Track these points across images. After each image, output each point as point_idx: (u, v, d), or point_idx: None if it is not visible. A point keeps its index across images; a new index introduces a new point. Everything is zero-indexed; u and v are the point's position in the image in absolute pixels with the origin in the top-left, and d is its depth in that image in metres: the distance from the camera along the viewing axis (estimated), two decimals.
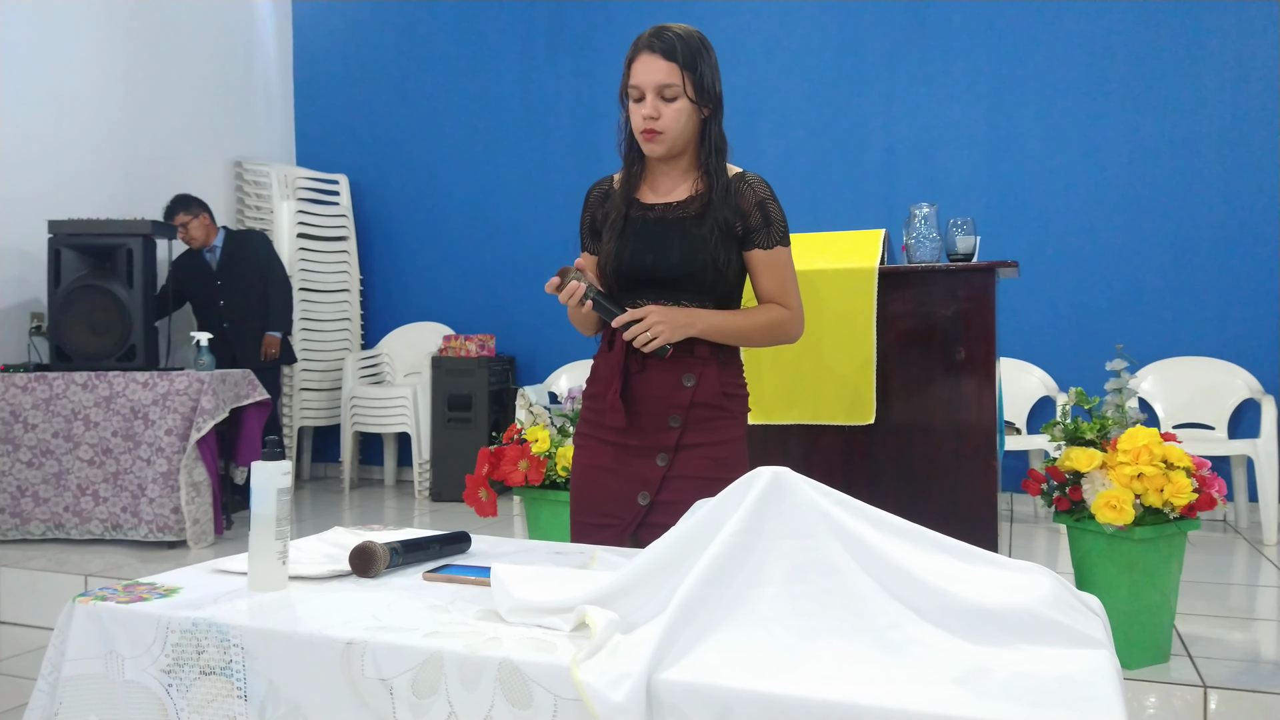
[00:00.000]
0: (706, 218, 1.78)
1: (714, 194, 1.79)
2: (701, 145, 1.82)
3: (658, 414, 1.81)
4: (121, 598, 1.24)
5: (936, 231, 2.78)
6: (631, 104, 1.80)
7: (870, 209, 4.95)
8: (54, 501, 3.99)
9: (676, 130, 1.77)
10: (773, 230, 1.82)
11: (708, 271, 1.77)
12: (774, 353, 2.72)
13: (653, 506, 1.81)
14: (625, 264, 1.81)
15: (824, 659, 1.00)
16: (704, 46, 1.82)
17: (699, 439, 1.81)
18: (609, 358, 1.85)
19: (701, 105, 1.79)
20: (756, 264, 1.84)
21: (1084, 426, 2.51)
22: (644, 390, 1.81)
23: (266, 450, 1.30)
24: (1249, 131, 4.44)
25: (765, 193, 1.83)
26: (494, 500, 3.05)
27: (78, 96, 4.84)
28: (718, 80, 1.83)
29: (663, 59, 1.76)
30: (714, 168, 1.81)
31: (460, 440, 5.13)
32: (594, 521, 1.86)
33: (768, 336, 1.86)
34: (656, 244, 1.80)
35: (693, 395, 1.80)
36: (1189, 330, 4.51)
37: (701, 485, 1.77)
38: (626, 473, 1.83)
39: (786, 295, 1.85)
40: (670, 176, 1.86)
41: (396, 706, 1.05)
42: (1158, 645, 2.45)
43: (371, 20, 6.08)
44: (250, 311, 4.98)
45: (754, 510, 1.13)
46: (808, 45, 5.14)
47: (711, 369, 1.81)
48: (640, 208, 1.85)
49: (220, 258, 4.98)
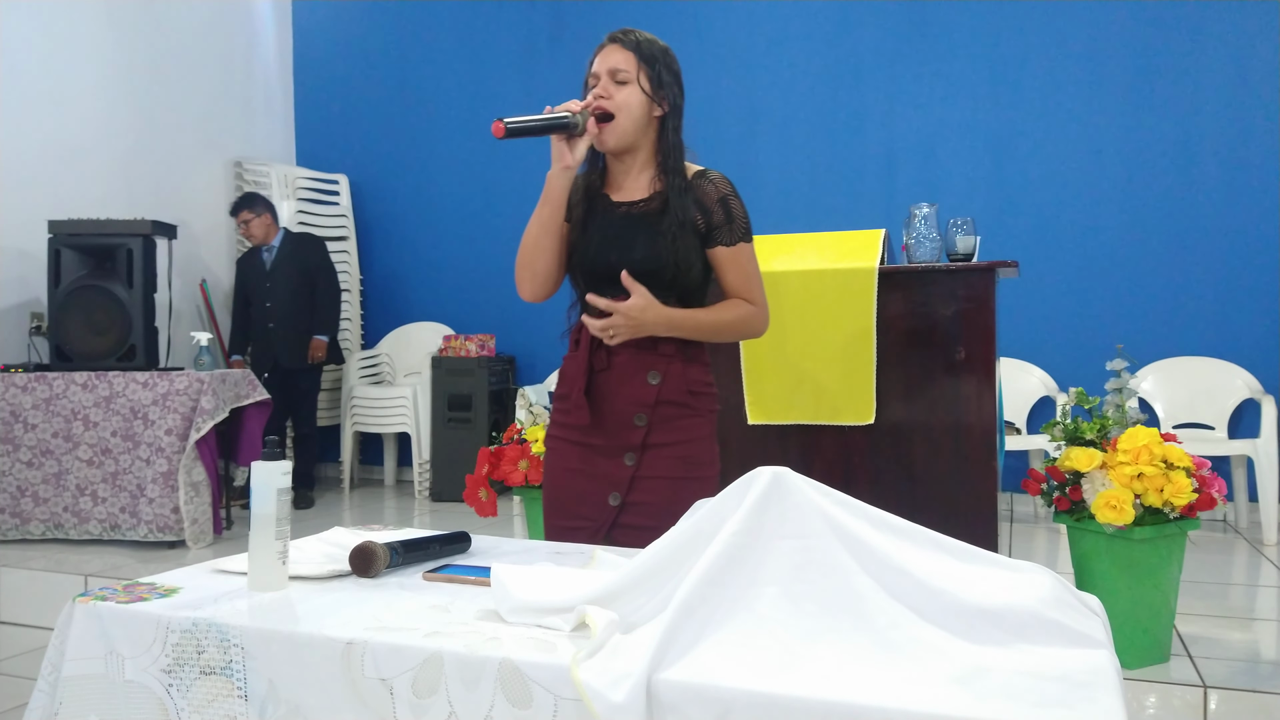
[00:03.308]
0: (667, 215, 1.79)
1: (672, 191, 1.81)
2: (659, 145, 1.84)
3: (624, 412, 1.80)
4: (121, 598, 1.24)
5: (936, 231, 2.78)
6: (589, 94, 1.82)
7: (870, 209, 4.95)
8: (53, 501, 3.99)
9: (625, 114, 1.79)
10: (735, 227, 1.83)
11: (669, 268, 1.78)
12: (774, 353, 2.72)
13: (624, 507, 1.81)
14: (590, 260, 1.82)
15: (824, 659, 1.00)
16: (667, 54, 1.86)
17: (666, 438, 1.80)
18: (575, 357, 1.85)
19: (657, 100, 1.81)
20: (720, 261, 1.84)
21: (1084, 426, 2.51)
22: (609, 389, 1.81)
23: (266, 450, 1.30)
24: (1249, 131, 4.44)
25: (727, 189, 1.84)
26: (494, 500, 3.05)
27: (78, 96, 4.84)
28: (679, 90, 1.86)
29: (621, 49, 1.81)
30: (671, 166, 1.82)
31: (460, 440, 5.13)
32: (566, 524, 1.85)
33: (735, 334, 1.88)
34: (619, 241, 1.80)
35: (658, 393, 1.80)
36: (1189, 330, 4.51)
37: (671, 485, 1.78)
38: (595, 473, 1.83)
39: (751, 291, 1.86)
40: (630, 176, 1.87)
41: (396, 706, 1.05)
42: (1158, 645, 2.45)
43: (371, 20, 6.08)
44: (296, 314, 5.05)
45: (754, 510, 1.13)
46: (808, 45, 5.14)
47: (676, 366, 1.81)
48: (605, 205, 1.86)
49: (275, 258, 5.07)
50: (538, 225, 1.82)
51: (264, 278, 5.06)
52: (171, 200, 5.23)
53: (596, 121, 1.78)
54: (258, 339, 5.12)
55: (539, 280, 1.85)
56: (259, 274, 5.08)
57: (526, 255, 1.84)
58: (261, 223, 4.99)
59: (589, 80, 1.84)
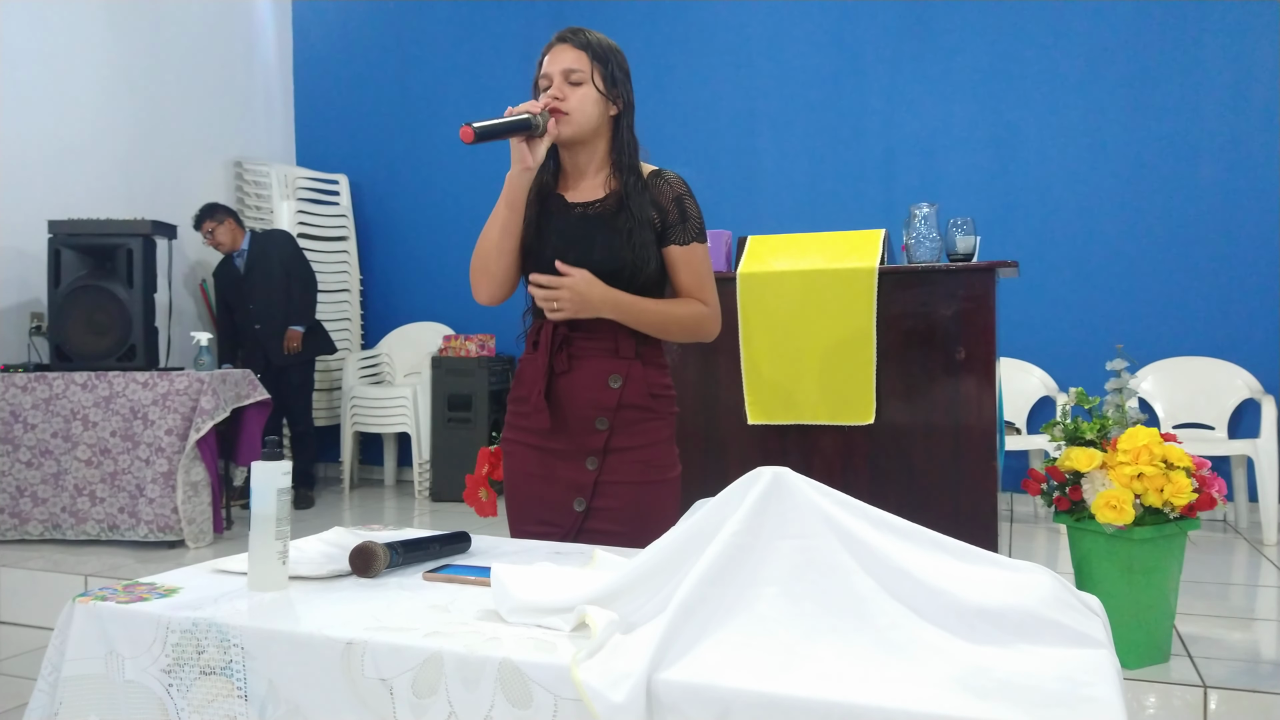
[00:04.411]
0: (623, 214, 1.79)
1: (629, 190, 1.80)
2: (613, 144, 1.84)
3: (584, 416, 1.79)
4: (121, 598, 1.24)
5: (936, 231, 2.78)
6: (542, 94, 1.81)
7: (870, 209, 4.95)
8: (53, 502, 3.99)
9: (582, 114, 1.78)
10: (689, 226, 1.83)
11: (627, 267, 1.77)
12: (774, 353, 2.73)
13: (589, 512, 1.80)
14: (547, 262, 1.80)
15: (824, 659, 1.00)
16: (616, 50, 1.85)
17: (628, 442, 1.80)
18: (534, 359, 1.84)
19: (611, 99, 1.81)
20: (674, 260, 1.83)
21: (1084, 426, 2.51)
22: (569, 392, 1.80)
23: (266, 450, 1.30)
24: (1249, 131, 4.44)
25: (682, 189, 1.84)
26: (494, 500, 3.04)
27: (78, 96, 4.84)
28: (629, 87, 1.85)
29: (573, 49, 1.80)
30: (626, 165, 1.82)
31: (460, 440, 5.13)
32: (532, 530, 1.84)
33: (685, 330, 1.85)
34: (578, 241, 1.79)
35: (620, 397, 1.79)
36: (1189, 330, 4.51)
37: (634, 489, 1.78)
38: (556, 478, 1.82)
39: (704, 291, 1.85)
40: (585, 176, 1.86)
41: (396, 706, 1.05)
42: (1158, 645, 2.45)
43: (371, 20, 6.08)
44: (277, 311, 5.05)
45: (754, 510, 1.13)
46: (808, 45, 5.14)
47: (637, 369, 1.80)
48: (559, 205, 1.85)
49: (247, 261, 5.06)
50: (497, 228, 1.81)
51: (241, 282, 5.06)
52: (171, 200, 5.22)
53: (556, 123, 1.77)
54: (247, 342, 5.11)
55: (497, 283, 1.84)
56: (235, 280, 5.07)
57: (484, 259, 1.83)
58: (226, 229, 4.97)
59: (539, 81, 1.82)
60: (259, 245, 5.08)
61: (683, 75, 5.28)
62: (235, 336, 5.19)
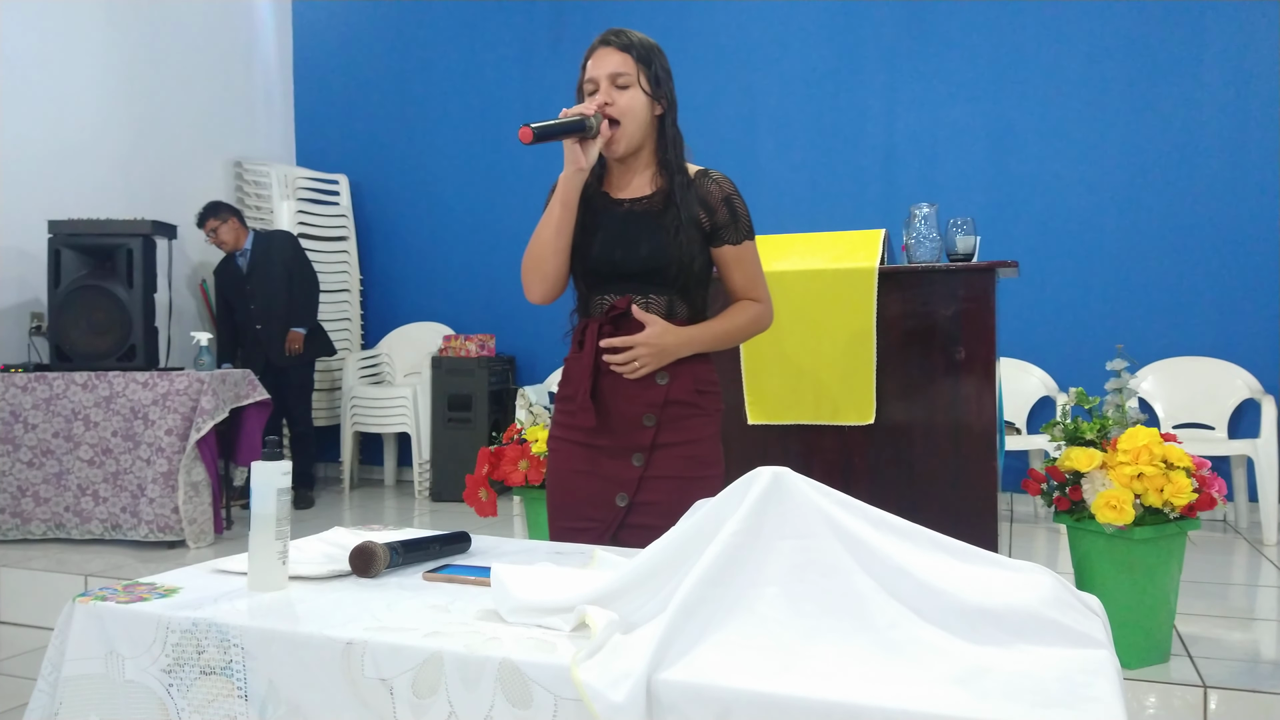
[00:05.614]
0: (670, 212, 1.80)
1: (675, 188, 1.81)
2: (659, 142, 1.85)
3: (631, 413, 1.80)
4: (121, 598, 1.24)
5: (936, 231, 2.78)
6: (588, 98, 1.82)
7: (870, 209, 4.95)
8: (54, 501, 3.99)
9: (632, 120, 1.79)
10: (740, 226, 1.85)
11: (674, 264, 1.78)
12: (774, 353, 2.72)
13: (631, 508, 1.81)
14: (594, 259, 1.82)
15: (824, 659, 1.00)
16: (658, 50, 1.86)
17: (674, 438, 1.81)
18: (580, 359, 1.84)
19: (656, 99, 1.82)
20: (727, 260, 1.85)
21: (1084, 426, 2.51)
22: (616, 390, 1.81)
23: (266, 450, 1.30)
24: (1249, 131, 4.44)
25: (730, 189, 1.85)
26: (494, 500, 3.05)
27: (77, 96, 4.84)
28: (671, 85, 1.86)
29: (617, 51, 1.80)
30: (673, 163, 1.83)
31: (460, 440, 5.13)
32: (573, 525, 1.85)
33: (747, 335, 1.91)
34: (624, 238, 1.81)
35: (667, 393, 1.80)
36: (1189, 330, 4.51)
37: (679, 485, 1.78)
38: (601, 474, 1.82)
39: (757, 289, 1.88)
40: (631, 173, 1.87)
41: (396, 706, 1.05)
42: (1158, 645, 2.45)
43: (371, 20, 6.08)
44: (279, 311, 5.04)
45: (754, 510, 1.13)
46: (808, 45, 5.14)
47: (684, 365, 1.81)
48: (606, 203, 1.86)
49: (250, 261, 5.05)
50: (551, 228, 1.81)
51: (243, 281, 5.04)
52: (171, 200, 5.22)
53: (609, 125, 1.78)
54: (247, 342, 5.11)
55: (549, 282, 1.84)
56: (237, 279, 5.06)
57: (538, 259, 1.83)
58: (229, 228, 4.95)
59: (584, 85, 1.83)
60: (262, 245, 5.07)
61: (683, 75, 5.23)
62: (235, 336, 5.19)
